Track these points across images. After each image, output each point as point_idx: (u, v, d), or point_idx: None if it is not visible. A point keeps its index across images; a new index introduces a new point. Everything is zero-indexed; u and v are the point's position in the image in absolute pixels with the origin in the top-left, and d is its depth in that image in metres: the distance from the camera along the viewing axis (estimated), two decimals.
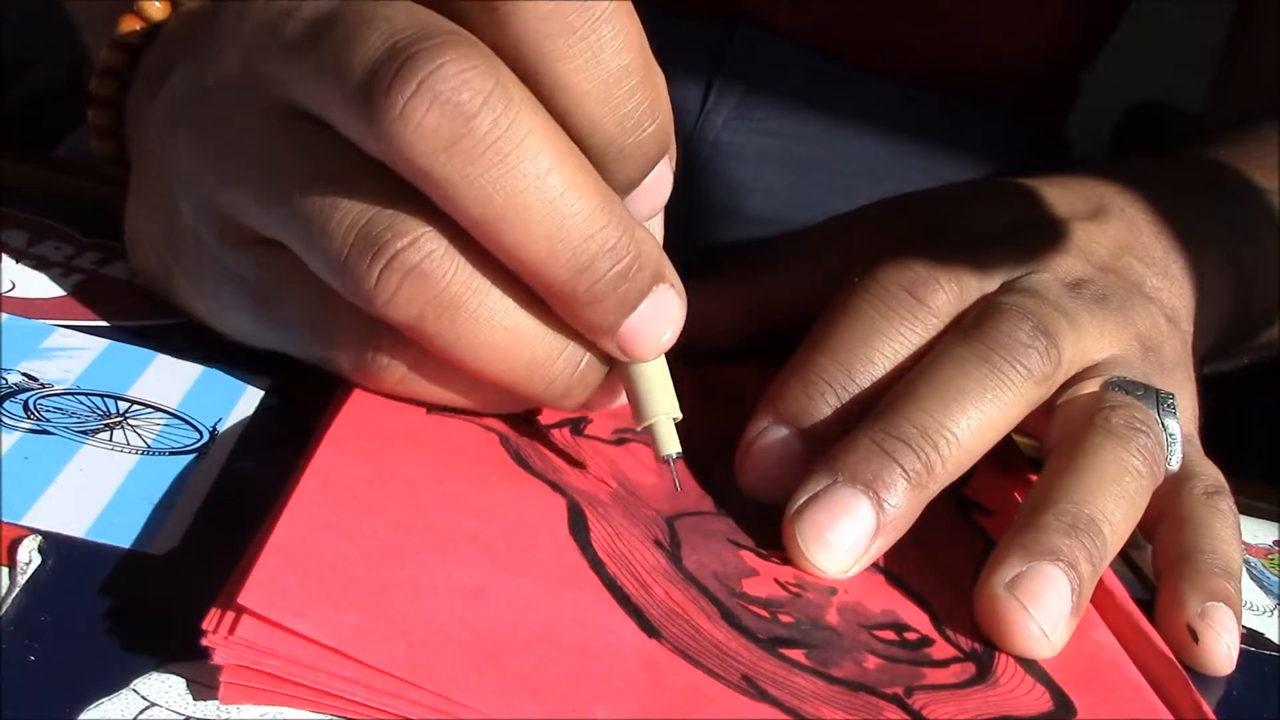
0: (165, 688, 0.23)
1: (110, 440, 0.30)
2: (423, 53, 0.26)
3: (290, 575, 0.24)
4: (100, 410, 0.31)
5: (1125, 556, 0.37)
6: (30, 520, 0.27)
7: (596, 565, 0.28)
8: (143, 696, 0.23)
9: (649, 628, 0.27)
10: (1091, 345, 0.37)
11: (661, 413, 0.31)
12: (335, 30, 0.28)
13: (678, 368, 0.32)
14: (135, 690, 0.23)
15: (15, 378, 0.31)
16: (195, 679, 0.23)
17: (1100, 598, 0.33)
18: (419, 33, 0.27)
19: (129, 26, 0.38)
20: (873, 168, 0.63)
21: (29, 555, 0.25)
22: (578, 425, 0.35)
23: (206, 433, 0.31)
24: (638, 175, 0.30)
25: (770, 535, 0.33)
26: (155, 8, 0.37)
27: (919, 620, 0.31)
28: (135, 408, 0.32)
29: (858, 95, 0.63)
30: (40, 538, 0.26)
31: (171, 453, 0.30)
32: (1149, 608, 0.34)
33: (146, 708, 0.23)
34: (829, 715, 0.26)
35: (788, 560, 0.32)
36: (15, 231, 0.40)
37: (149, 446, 0.30)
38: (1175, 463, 0.36)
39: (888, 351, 0.35)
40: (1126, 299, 0.39)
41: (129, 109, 0.38)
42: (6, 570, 0.25)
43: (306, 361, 0.32)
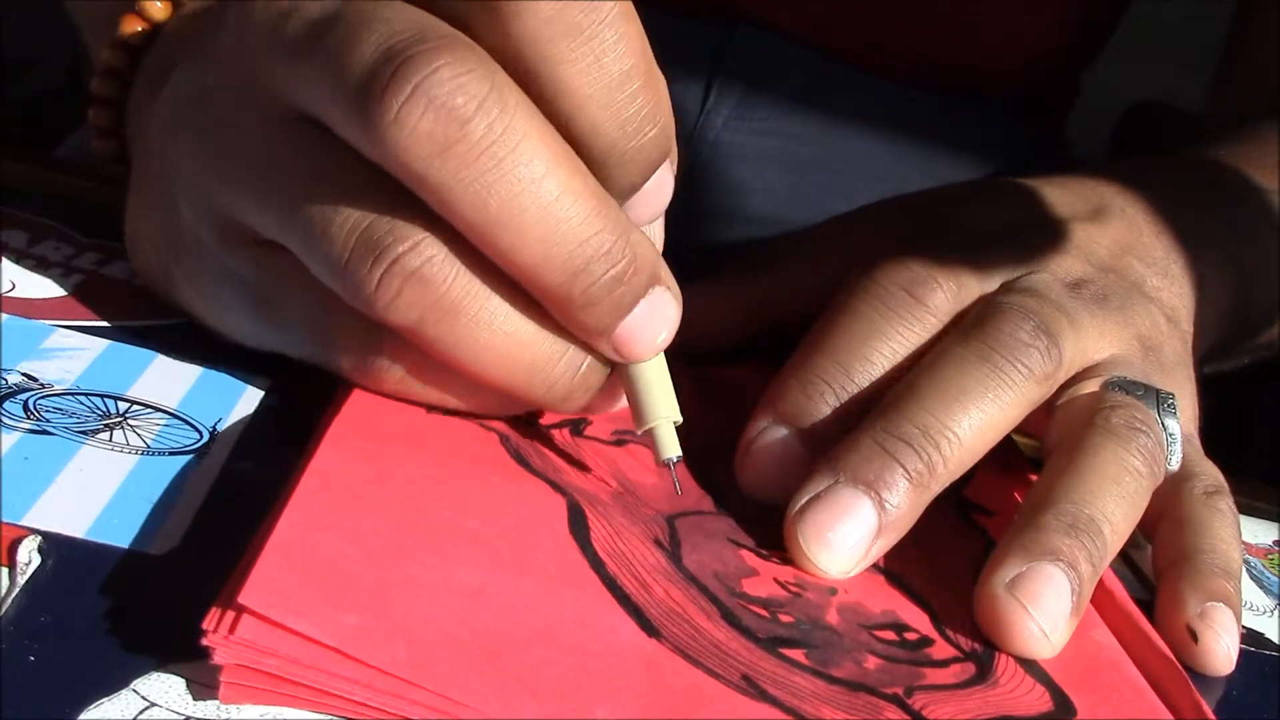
0: (165, 688, 0.23)
1: (110, 440, 0.30)
2: (418, 56, 0.26)
3: (290, 575, 0.24)
4: (100, 410, 0.31)
5: (1125, 556, 0.37)
6: (30, 520, 0.27)
7: (596, 565, 0.28)
8: (143, 696, 0.23)
9: (649, 627, 0.27)
10: (1092, 345, 0.37)
11: (662, 416, 0.31)
12: (334, 32, 0.28)
13: (677, 368, 0.32)
14: (135, 690, 0.23)
15: (15, 378, 0.31)
16: (195, 679, 0.23)
17: (1100, 598, 0.33)
18: (415, 36, 0.27)
19: (130, 27, 0.38)
20: (873, 168, 0.63)
21: (29, 555, 0.25)
22: (577, 426, 0.35)
23: (206, 433, 0.31)
24: (639, 179, 0.30)
25: (770, 535, 0.33)
26: (157, 8, 0.37)
27: (919, 620, 0.31)
28: (135, 408, 0.32)
29: (858, 95, 0.63)
30: (40, 538, 0.26)
31: (171, 453, 0.30)
32: (1149, 608, 0.34)
33: (146, 708, 0.23)
34: (829, 715, 0.26)
35: (788, 560, 0.32)
36: (15, 231, 0.40)
37: (149, 447, 0.30)
38: (1175, 463, 0.36)
39: (886, 351, 0.35)
40: (1127, 299, 0.39)
41: (130, 109, 0.38)
42: (6, 570, 0.25)
43: (307, 362, 0.32)
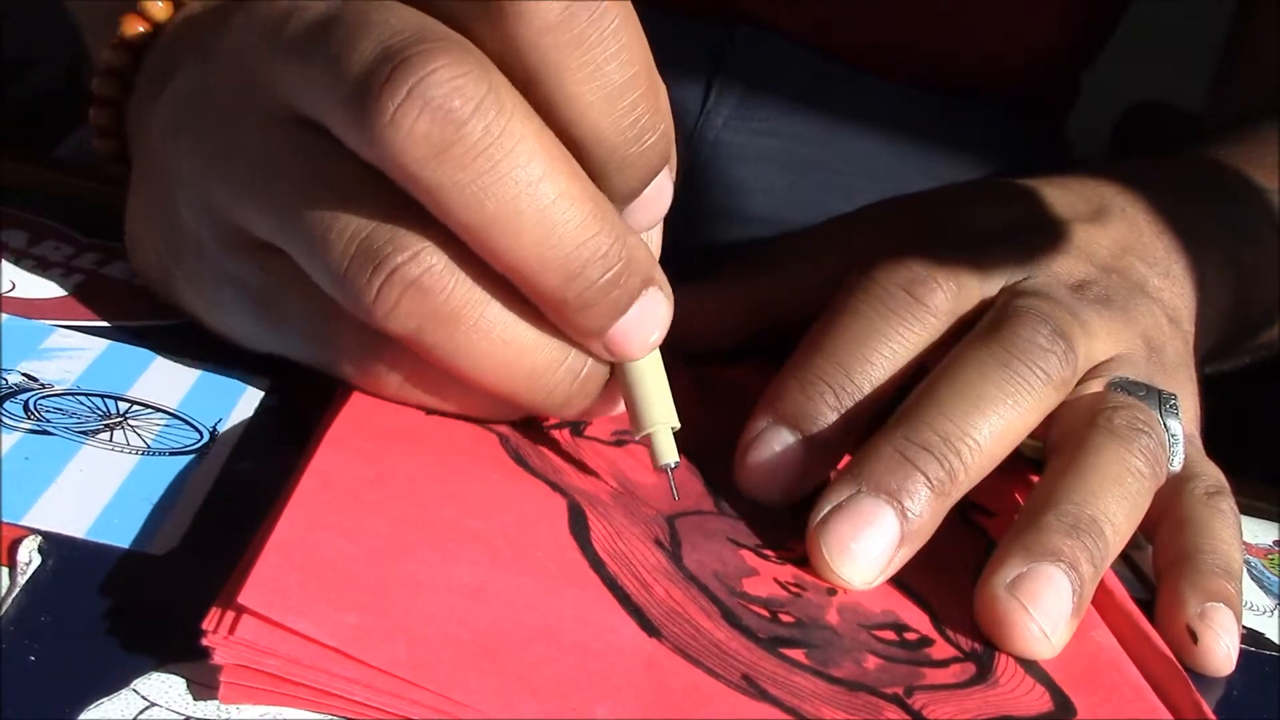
0: (165, 688, 0.23)
1: (110, 440, 0.30)
2: (415, 57, 0.26)
3: (290, 574, 0.24)
4: (100, 411, 0.31)
5: (1125, 557, 0.37)
6: (30, 520, 0.27)
7: (597, 564, 0.28)
8: (143, 696, 0.23)
9: (649, 627, 0.27)
10: (1099, 347, 0.37)
11: (658, 423, 0.31)
12: (333, 33, 0.28)
13: (677, 368, 0.32)
14: (135, 690, 0.23)
15: (15, 378, 0.31)
16: (195, 679, 0.23)
17: (1100, 598, 0.33)
18: (412, 37, 0.27)
19: (131, 26, 0.38)
20: (873, 168, 0.63)
21: (29, 555, 0.25)
22: (577, 427, 0.35)
23: (206, 433, 0.31)
24: (639, 186, 0.30)
25: (770, 535, 0.33)
26: (158, 8, 0.37)
27: (919, 620, 0.31)
28: (135, 408, 0.32)
29: (858, 95, 0.63)
30: (40, 538, 0.26)
31: (171, 453, 0.30)
32: (1149, 608, 0.34)
33: (146, 708, 0.23)
34: (829, 715, 0.26)
35: (788, 560, 0.32)
36: (15, 231, 0.40)
37: (149, 447, 0.30)
38: (1177, 463, 0.36)
39: (886, 351, 0.35)
40: (1129, 299, 0.39)
41: (131, 109, 0.38)
42: (6, 570, 0.25)
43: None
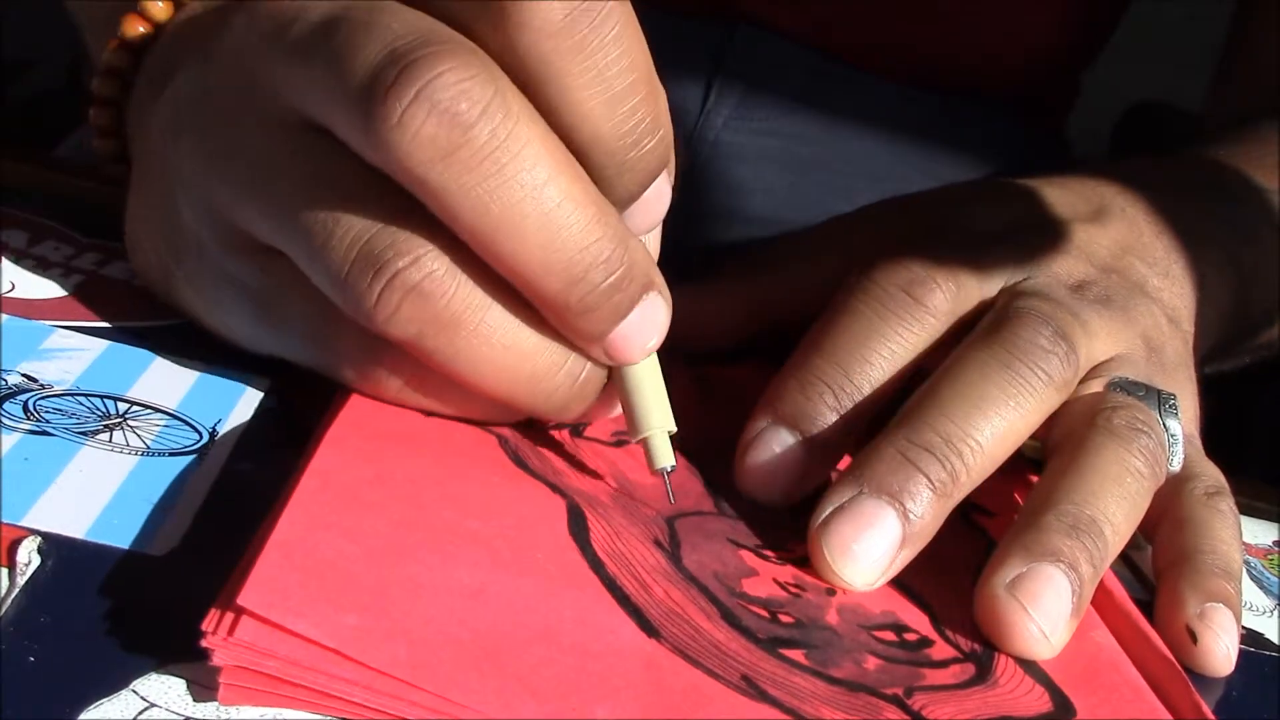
0: (165, 688, 0.23)
1: (110, 441, 0.30)
2: (422, 60, 0.26)
3: (290, 575, 0.24)
4: (100, 411, 0.31)
5: (1125, 557, 0.37)
6: (30, 521, 0.27)
7: (596, 565, 0.28)
8: (142, 697, 0.23)
9: (649, 628, 0.27)
10: (1099, 347, 0.37)
11: (655, 427, 0.31)
12: (337, 35, 0.28)
13: (677, 368, 0.32)
14: (135, 691, 0.23)
15: (15, 379, 0.31)
16: (195, 680, 0.23)
17: (1100, 598, 0.33)
18: (419, 40, 0.27)
19: (132, 27, 0.37)
20: (873, 168, 0.63)
21: (29, 556, 0.25)
22: (577, 428, 0.35)
23: (206, 434, 0.31)
24: (638, 189, 0.30)
25: (770, 535, 0.33)
26: (159, 8, 0.37)
27: (919, 621, 0.31)
28: (135, 409, 0.32)
29: (858, 95, 0.63)
30: (40, 538, 0.26)
31: (171, 453, 0.30)
32: (1149, 608, 0.34)
33: (146, 708, 0.23)
34: (829, 715, 0.26)
35: (787, 560, 0.32)
36: (15, 231, 0.40)
37: (149, 447, 0.30)
38: (1177, 463, 0.36)
39: (885, 352, 0.35)
40: (1129, 299, 0.39)
41: (131, 109, 0.38)
42: (6, 571, 0.25)
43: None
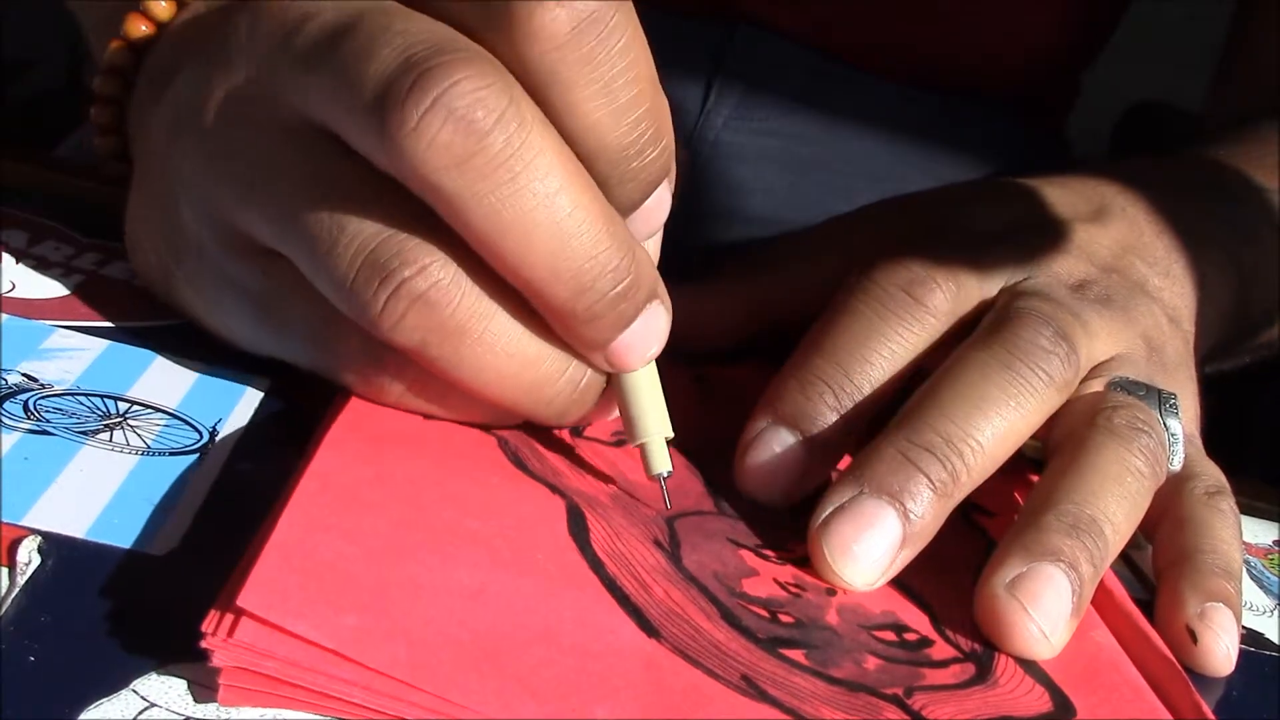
0: (165, 688, 0.23)
1: (110, 441, 0.30)
2: (438, 68, 0.26)
3: (289, 577, 0.24)
4: (100, 411, 0.31)
5: (1125, 557, 0.37)
6: (30, 521, 0.27)
7: (596, 565, 0.28)
8: (142, 697, 0.23)
9: (649, 628, 0.27)
10: (1100, 347, 0.37)
11: (652, 433, 0.31)
12: (349, 42, 0.28)
13: (677, 367, 0.32)
14: (135, 691, 0.23)
15: (15, 378, 0.31)
16: (196, 680, 0.23)
17: (1100, 598, 0.33)
18: (434, 48, 0.27)
19: (134, 26, 0.37)
20: (873, 168, 0.63)
21: (29, 556, 0.25)
22: (576, 428, 0.35)
23: (206, 433, 0.31)
24: (640, 198, 0.30)
25: (770, 535, 0.33)
26: (161, 7, 0.37)
27: (919, 621, 0.31)
28: (135, 408, 0.32)
29: (858, 95, 0.63)
30: (40, 538, 0.26)
31: (171, 453, 0.30)
32: (1149, 608, 0.34)
33: (146, 708, 0.23)
34: (829, 715, 0.26)
35: (787, 560, 0.32)
36: (15, 231, 0.40)
37: (149, 447, 0.30)
38: (1177, 463, 0.36)
39: (885, 352, 0.35)
40: (1130, 299, 0.39)
41: (132, 108, 0.38)
42: (6, 571, 0.25)
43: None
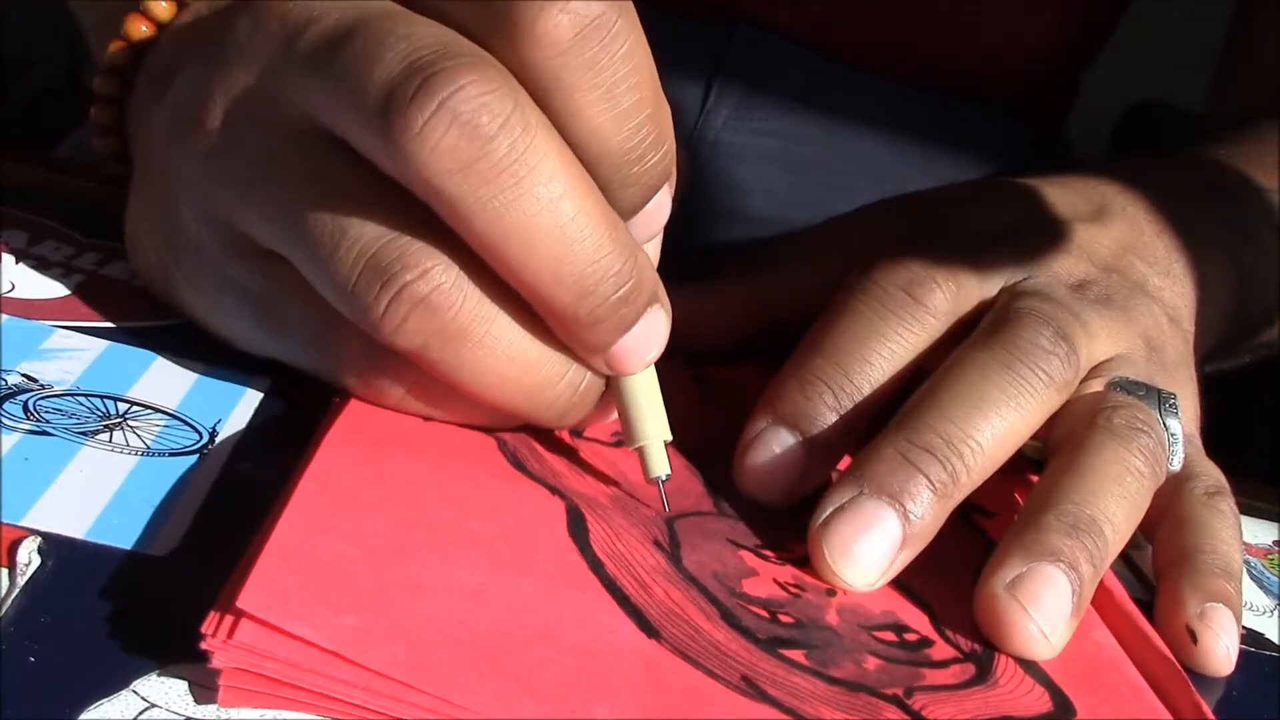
0: (166, 689, 0.23)
1: (110, 441, 0.30)
2: (444, 73, 0.26)
3: (289, 578, 0.24)
4: (100, 411, 0.31)
5: (1125, 557, 0.37)
6: (30, 521, 0.27)
7: (596, 566, 0.28)
8: (143, 697, 0.23)
9: (648, 628, 0.27)
10: (1100, 347, 0.37)
11: (652, 436, 0.31)
12: (353, 45, 0.28)
13: (677, 367, 0.32)
14: (135, 691, 0.23)
15: (15, 379, 0.31)
16: (196, 681, 0.23)
17: (1100, 598, 0.33)
18: (438, 52, 0.27)
19: (135, 26, 0.37)
20: (873, 168, 0.63)
21: (29, 556, 0.25)
22: (576, 429, 0.35)
23: (206, 434, 0.31)
24: (640, 203, 0.30)
25: (770, 536, 0.33)
26: (161, 7, 0.37)
27: (919, 621, 0.31)
28: (135, 409, 0.32)
29: (858, 95, 0.63)
30: (40, 539, 0.26)
31: (171, 454, 0.30)
32: (1149, 608, 0.34)
33: (146, 708, 0.23)
34: (829, 716, 0.26)
35: (787, 560, 0.32)
36: (15, 231, 0.40)
37: (149, 448, 0.30)
38: (1177, 463, 0.36)
39: (885, 352, 0.35)
40: (1130, 299, 0.39)
41: (132, 107, 0.38)
42: (6, 571, 0.25)
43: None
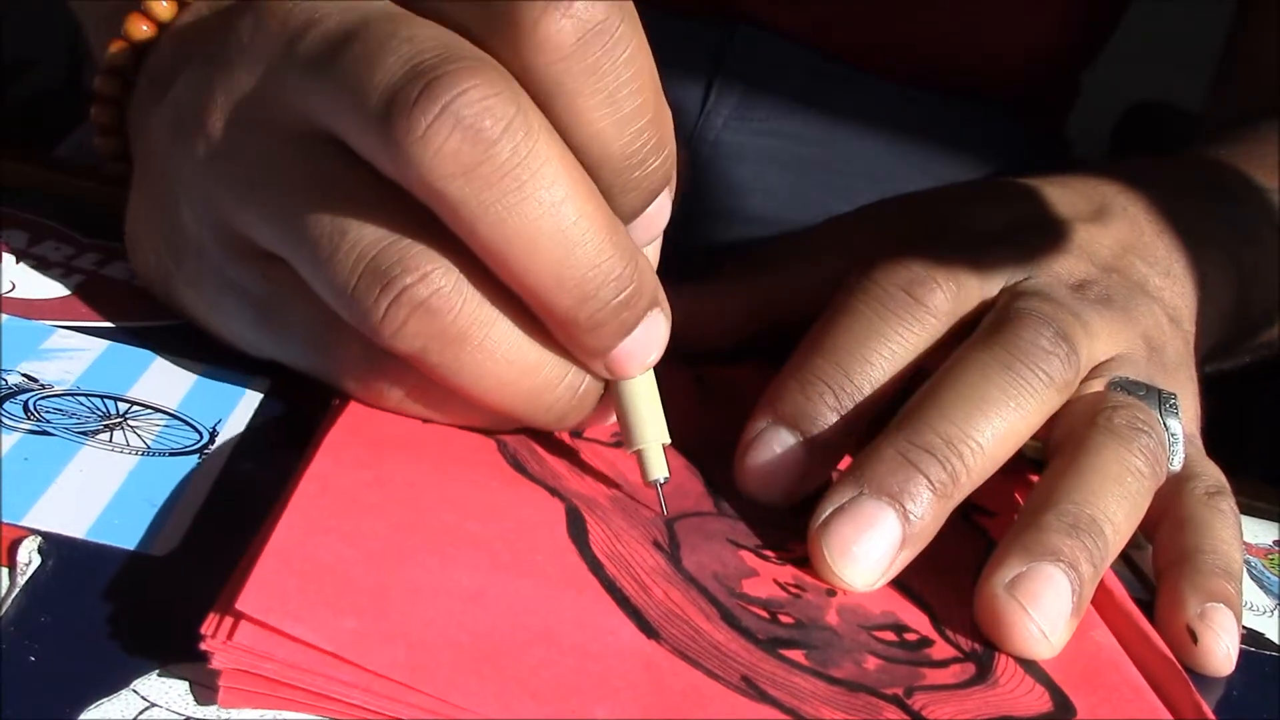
0: (166, 689, 0.23)
1: (110, 441, 0.30)
2: (446, 76, 0.26)
3: (288, 579, 0.24)
4: (100, 411, 0.31)
5: (1125, 557, 0.37)
6: (30, 521, 0.27)
7: (595, 567, 0.28)
8: (143, 697, 0.23)
9: (648, 629, 0.27)
10: (1100, 347, 0.37)
11: (649, 440, 0.31)
12: (355, 48, 0.28)
13: (676, 367, 0.32)
14: (136, 691, 0.23)
15: (15, 379, 0.31)
16: (197, 681, 0.23)
17: (1100, 598, 0.33)
18: (441, 55, 0.27)
19: (135, 26, 0.37)
20: (873, 168, 0.63)
21: (29, 556, 0.25)
22: (575, 430, 0.35)
23: (206, 434, 0.31)
24: (641, 207, 0.30)
25: (770, 536, 0.33)
26: (162, 7, 0.37)
27: (919, 621, 0.31)
28: (135, 409, 0.32)
29: (858, 95, 0.63)
30: (40, 538, 0.26)
31: (172, 454, 0.30)
32: (1149, 608, 0.34)
33: (147, 708, 0.23)
34: (829, 716, 0.26)
35: (787, 561, 0.32)
36: (15, 231, 0.40)
37: (149, 447, 0.30)
38: (1177, 463, 0.36)
39: (885, 352, 0.35)
40: (1130, 299, 0.39)
41: (132, 107, 0.38)
42: (6, 571, 0.25)
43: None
